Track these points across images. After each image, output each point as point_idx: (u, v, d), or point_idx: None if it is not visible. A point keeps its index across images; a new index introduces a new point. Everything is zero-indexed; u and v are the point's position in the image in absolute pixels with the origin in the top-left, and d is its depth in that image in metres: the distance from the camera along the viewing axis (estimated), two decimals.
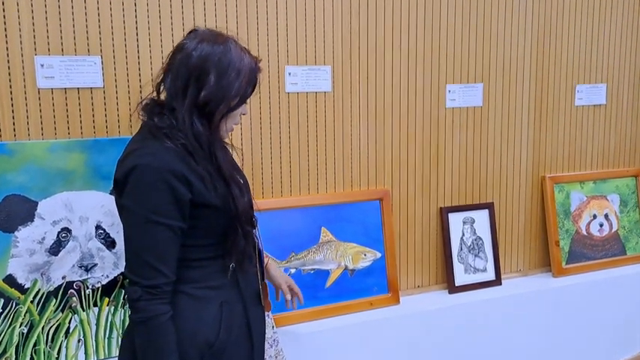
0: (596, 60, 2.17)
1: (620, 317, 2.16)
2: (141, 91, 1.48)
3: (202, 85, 1.04)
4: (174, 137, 1.04)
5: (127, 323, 1.35)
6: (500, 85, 2.00)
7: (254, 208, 1.20)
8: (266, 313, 1.24)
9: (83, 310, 1.43)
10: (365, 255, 1.80)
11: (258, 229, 1.22)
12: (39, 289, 1.39)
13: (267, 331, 1.25)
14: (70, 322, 1.41)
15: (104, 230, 1.44)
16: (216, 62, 1.05)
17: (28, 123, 1.38)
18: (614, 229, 2.25)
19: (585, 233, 2.20)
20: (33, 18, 1.36)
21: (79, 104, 1.42)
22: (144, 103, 1.12)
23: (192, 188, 1.03)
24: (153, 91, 1.13)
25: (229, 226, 1.08)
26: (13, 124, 1.37)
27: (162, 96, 1.12)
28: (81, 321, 1.42)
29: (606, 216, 2.24)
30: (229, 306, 1.11)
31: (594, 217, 2.22)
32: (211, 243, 1.10)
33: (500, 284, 2.02)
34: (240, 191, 1.10)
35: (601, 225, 2.23)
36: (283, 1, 1.63)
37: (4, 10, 1.33)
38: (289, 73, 1.67)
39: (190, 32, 1.12)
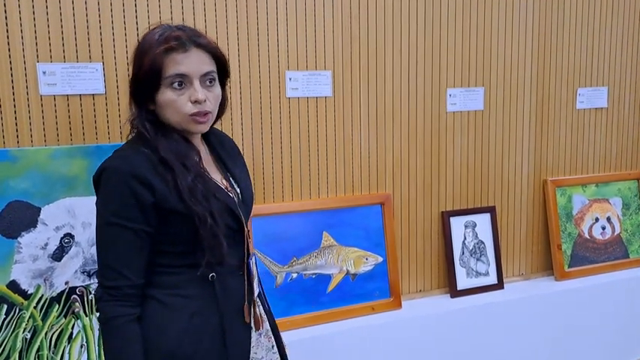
0: (597, 63, 2.17)
1: (623, 320, 2.15)
2: None
3: (131, 79, 1.08)
4: (148, 143, 1.05)
5: None
6: (501, 89, 2.00)
7: (239, 216, 1.13)
8: (257, 332, 1.17)
9: (86, 316, 1.43)
10: (366, 259, 1.80)
11: (250, 241, 1.18)
12: (42, 295, 1.39)
13: (257, 351, 1.18)
14: (72, 328, 1.42)
15: None
16: (133, 58, 1.08)
17: (30, 129, 1.39)
18: (616, 233, 2.25)
19: (588, 236, 2.20)
20: (35, 25, 1.37)
21: (81, 111, 1.43)
22: (130, 115, 1.12)
23: (155, 192, 1.02)
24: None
25: (196, 231, 1.04)
26: (16, 130, 1.38)
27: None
28: (84, 326, 1.43)
29: (608, 219, 2.23)
30: (201, 318, 1.07)
31: (596, 220, 2.21)
32: (182, 250, 1.07)
33: (503, 288, 2.02)
34: (202, 193, 1.05)
35: (603, 228, 2.22)
36: (283, 6, 1.64)
37: (6, 18, 1.34)
38: (290, 79, 1.67)
39: None
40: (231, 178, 1.19)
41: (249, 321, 1.15)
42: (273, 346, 1.23)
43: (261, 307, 1.21)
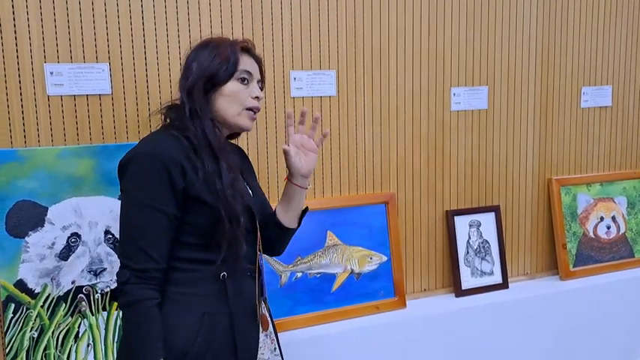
0: (601, 62, 2.17)
1: (628, 320, 2.15)
2: (148, 97, 1.50)
3: (189, 73, 1.13)
4: (183, 129, 1.09)
5: None
6: (505, 88, 2.00)
7: (255, 216, 1.17)
8: (264, 333, 1.19)
9: (92, 315, 1.44)
10: (371, 258, 1.80)
11: (260, 244, 1.20)
12: (49, 294, 1.40)
13: (264, 352, 1.19)
14: (79, 327, 1.43)
15: (113, 235, 1.45)
16: (198, 51, 1.16)
17: (38, 130, 1.40)
18: (621, 232, 2.24)
19: (592, 236, 2.19)
20: (42, 27, 1.38)
21: (88, 111, 1.44)
22: (162, 106, 1.18)
23: (186, 178, 1.04)
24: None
25: (216, 224, 1.06)
26: (24, 130, 1.39)
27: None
28: (90, 325, 1.44)
29: (613, 218, 2.23)
30: (212, 317, 1.08)
31: (601, 219, 2.21)
32: (200, 243, 1.08)
33: (507, 287, 2.02)
34: (233, 193, 1.08)
35: (608, 227, 2.22)
36: (288, 6, 1.65)
37: (14, 20, 1.36)
38: (294, 78, 1.68)
39: None
40: (247, 187, 1.22)
41: (260, 323, 1.16)
42: (275, 348, 1.25)
43: (265, 308, 1.23)
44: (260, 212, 1.22)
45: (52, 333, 1.40)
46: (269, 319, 1.24)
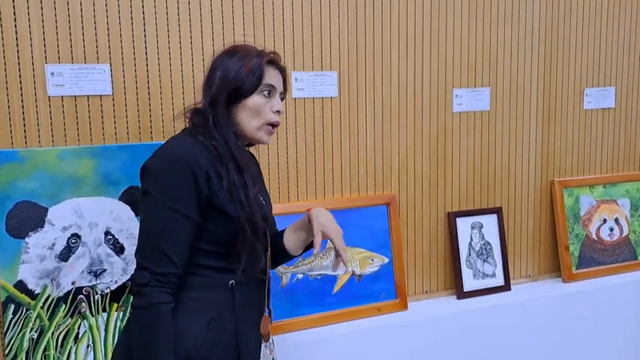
0: (604, 63, 2.16)
1: (631, 323, 2.13)
2: (149, 98, 1.49)
3: (213, 81, 1.12)
4: (208, 137, 1.09)
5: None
6: (507, 89, 2.00)
7: (266, 232, 1.17)
8: (265, 344, 1.18)
9: (92, 316, 1.44)
10: (372, 260, 1.80)
11: (269, 257, 1.20)
12: (49, 295, 1.40)
13: None
14: (79, 328, 1.43)
15: (113, 236, 1.45)
16: (224, 59, 1.13)
17: (38, 130, 1.40)
18: (624, 234, 2.23)
19: (595, 238, 2.18)
20: (43, 27, 1.38)
21: (89, 111, 1.44)
22: (187, 110, 1.17)
23: (210, 186, 1.04)
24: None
25: (237, 235, 1.07)
26: (24, 131, 1.39)
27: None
28: (90, 326, 1.43)
29: (616, 220, 2.22)
30: (219, 324, 1.08)
31: (604, 221, 2.20)
32: (218, 251, 1.09)
33: (510, 290, 2.01)
34: (255, 205, 1.09)
35: (611, 229, 2.20)
36: (289, 7, 1.65)
37: (15, 20, 1.35)
38: (296, 79, 1.68)
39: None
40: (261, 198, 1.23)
41: (265, 332, 1.16)
42: (273, 359, 1.24)
43: (269, 321, 1.22)
44: (271, 224, 1.24)
45: (52, 334, 1.40)
46: (269, 330, 1.23)
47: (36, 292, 1.39)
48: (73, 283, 1.42)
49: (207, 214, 1.05)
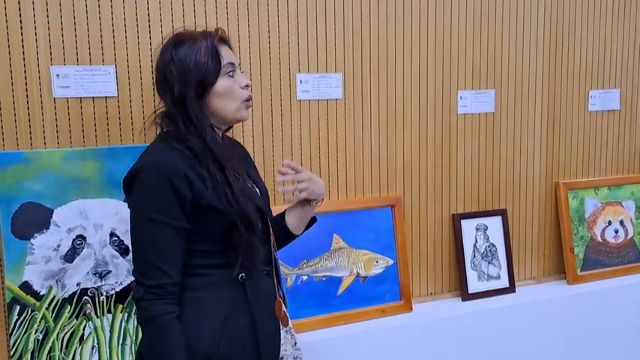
0: (609, 65, 2.15)
1: (636, 325, 2.13)
2: (154, 100, 1.49)
3: (171, 78, 1.08)
4: (182, 140, 1.06)
5: (140, 330, 1.36)
6: (512, 91, 1.99)
7: (267, 216, 1.17)
8: (285, 329, 1.19)
9: (97, 317, 1.44)
10: (377, 262, 1.79)
11: (274, 240, 1.20)
12: (54, 296, 1.40)
13: (286, 348, 1.19)
14: (84, 329, 1.42)
15: (118, 237, 1.45)
16: (173, 52, 1.09)
17: (44, 132, 1.40)
18: (629, 236, 2.22)
19: (600, 240, 2.17)
20: (49, 29, 1.38)
21: (94, 113, 1.44)
22: (157, 113, 1.15)
23: (193, 188, 1.03)
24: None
25: (231, 230, 1.06)
26: (30, 132, 1.39)
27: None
28: (95, 328, 1.43)
29: (621, 222, 2.21)
30: (234, 320, 1.08)
31: (609, 223, 2.19)
32: (216, 249, 1.08)
33: (514, 291, 2.00)
34: (242, 194, 1.07)
35: (616, 231, 2.20)
36: (294, 9, 1.64)
37: (21, 22, 1.36)
38: (300, 81, 1.68)
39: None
40: (254, 185, 1.21)
41: (280, 315, 1.16)
42: (295, 343, 1.25)
43: (284, 305, 1.23)
44: (269, 211, 1.22)
45: (57, 335, 1.40)
46: (288, 314, 1.23)
47: (41, 294, 1.39)
48: (78, 285, 1.42)
49: (199, 216, 1.05)
